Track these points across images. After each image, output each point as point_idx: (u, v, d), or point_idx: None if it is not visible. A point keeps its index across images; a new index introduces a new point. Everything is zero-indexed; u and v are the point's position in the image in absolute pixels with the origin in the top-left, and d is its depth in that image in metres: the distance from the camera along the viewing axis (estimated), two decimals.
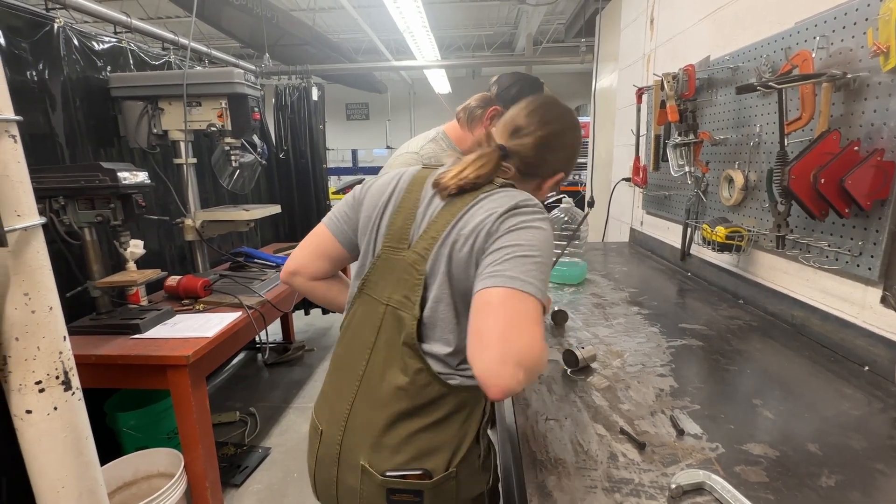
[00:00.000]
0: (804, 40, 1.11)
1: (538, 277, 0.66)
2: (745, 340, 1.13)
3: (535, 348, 0.62)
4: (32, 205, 0.97)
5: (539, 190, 0.90)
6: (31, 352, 0.97)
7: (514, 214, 0.72)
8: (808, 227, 1.12)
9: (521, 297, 0.64)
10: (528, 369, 0.60)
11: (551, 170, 0.88)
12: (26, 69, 1.66)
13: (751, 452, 0.71)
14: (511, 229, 0.70)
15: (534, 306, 0.64)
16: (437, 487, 0.73)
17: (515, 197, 0.75)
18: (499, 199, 0.74)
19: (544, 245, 0.70)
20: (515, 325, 0.62)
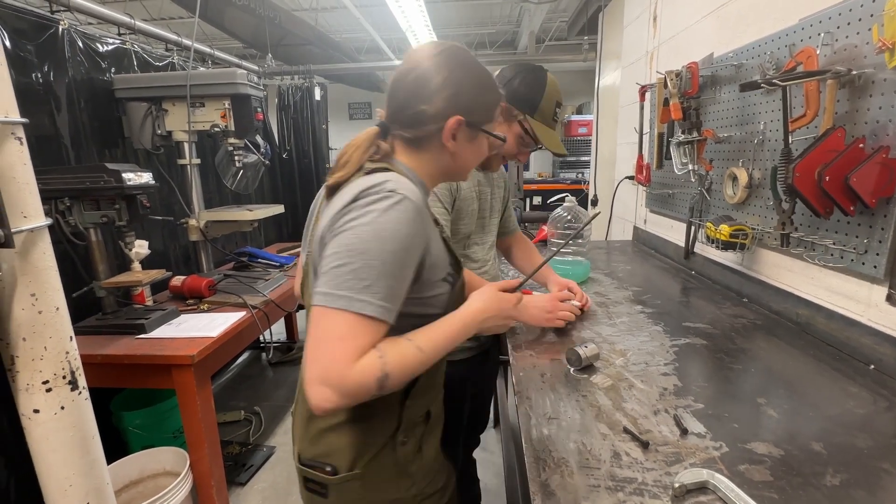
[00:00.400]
0: (808, 37, 1.11)
1: (354, 286, 0.61)
2: (750, 339, 1.12)
3: (335, 368, 0.60)
4: (38, 206, 0.98)
5: (445, 151, 0.78)
6: (38, 352, 0.98)
7: (347, 212, 0.66)
8: (813, 224, 1.12)
9: (327, 314, 0.62)
10: (336, 388, 0.60)
11: (434, 117, 0.75)
12: (31, 71, 1.68)
13: (755, 451, 0.70)
14: (336, 233, 0.65)
15: (340, 322, 0.61)
16: (341, 485, 0.77)
17: (363, 184, 0.67)
18: (346, 192, 0.68)
19: (370, 241, 0.63)
20: (319, 344, 0.62)
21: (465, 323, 0.76)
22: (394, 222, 0.64)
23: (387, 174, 0.70)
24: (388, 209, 0.64)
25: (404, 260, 0.65)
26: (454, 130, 0.76)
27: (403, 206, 0.65)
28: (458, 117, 0.75)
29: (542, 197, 5.80)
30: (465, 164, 0.83)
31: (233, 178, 2.32)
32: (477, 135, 0.80)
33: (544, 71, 1.22)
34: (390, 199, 0.65)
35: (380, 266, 0.63)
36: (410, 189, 0.68)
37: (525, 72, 1.21)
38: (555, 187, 5.71)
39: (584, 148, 6.15)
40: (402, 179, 0.70)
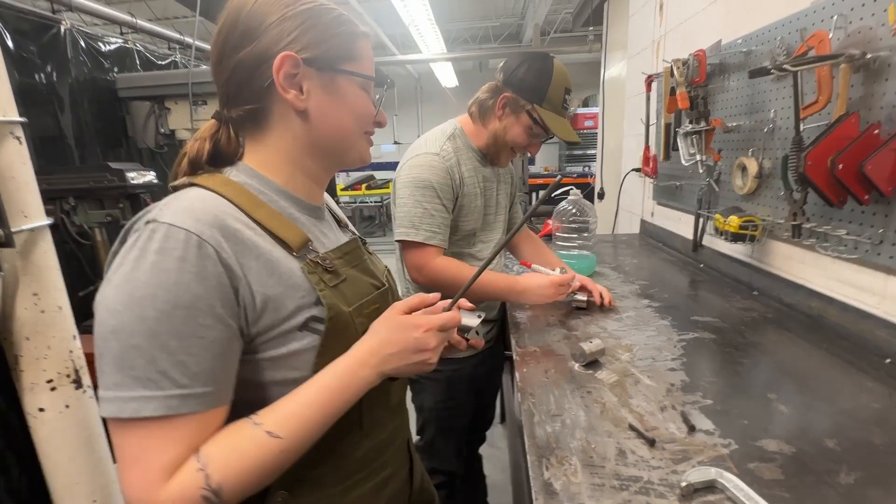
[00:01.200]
0: (820, 20, 1.07)
1: (122, 380, 0.44)
2: (760, 332, 1.10)
3: (138, 498, 0.45)
4: (39, 206, 0.98)
5: (290, 115, 0.57)
6: (42, 351, 0.98)
7: (109, 265, 0.48)
8: (826, 214, 1.08)
9: (111, 427, 0.46)
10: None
11: (256, 63, 0.54)
12: (34, 72, 1.69)
13: (765, 449, 0.68)
14: (95, 309, 0.46)
15: (124, 435, 0.45)
16: None
17: (144, 216, 0.49)
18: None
19: (122, 312, 0.44)
20: (119, 466, 0.46)
21: (349, 374, 0.54)
22: (155, 270, 0.45)
23: (175, 195, 0.52)
24: (144, 256, 0.45)
25: (187, 318, 0.45)
26: (291, 73, 0.54)
27: (171, 242, 0.46)
28: (286, 53, 0.53)
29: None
30: (335, 128, 0.59)
31: None
32: (335, 78, 0.57)
33: (551, 58, 1.18)
34: (150, 239, 0.46)
35: (147, 342, 0.44)
36: (192, 206, 0.49)
37: (530, 60, 1.17)
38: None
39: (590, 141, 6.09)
40: (187, 197, 0.50)
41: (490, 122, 1.22)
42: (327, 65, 0.56)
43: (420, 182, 1.15)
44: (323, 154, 0.61)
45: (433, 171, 1.15)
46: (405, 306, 0.60)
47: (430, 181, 1.15)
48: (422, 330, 0.58)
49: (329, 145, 0.60)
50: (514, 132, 1.20)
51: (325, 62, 0.56)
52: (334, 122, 0.59)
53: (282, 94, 0.55)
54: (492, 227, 1.34)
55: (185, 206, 0.49)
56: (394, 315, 0.59)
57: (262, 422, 0.49)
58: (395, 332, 0.57)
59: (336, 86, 0.58)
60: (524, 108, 1.16)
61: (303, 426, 0.50)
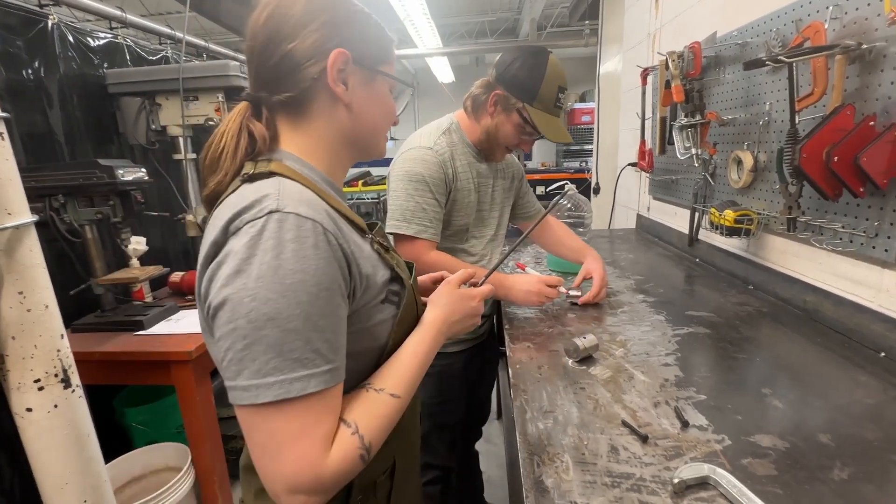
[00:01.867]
0: (816, 11, 1.05)
1: (283, 365, 0.46)
2: (755, 327, 1.09)
3: (305, 472, 0.48)
4: (23, 202, 0.96)
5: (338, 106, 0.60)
6: (29, 350, 0.97)
7: (218, 265, 0.49)
8: (821, 208, 1.08)
9: (263, 413, 0.47)
10: (312, 490, 0.48)
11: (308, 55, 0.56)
12: (22, 67, 1.66)
13: (759, 444, 0.68)
14: (217, 306, 0.48)
15: (285, 416, 0.47)
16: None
17: (230, 210, 0.50)
18: (217, 218, 0.52)
19: (276, 299, 0.46)
20: (269, 452, 0.48)
21: (433, 338, 0.65)
22: (297, 256, 0.47)
23: (265, 183, 0.53)
24: (281, 244, 0.47)
25: (329, 298, 0.50)
26: (341, 69, 0.58)
27: (301, 230, 0.49)
28: (340, 50, 0.57)
29: (545, 186, 5.74)
30: (370, 124, 0.64)
31: None
32: (374, 78, 0.63)
33: (546, 54, 1.14)
34: (280, 228, 0.48)
35: (303, 325, 0.47)
36: (302, 197, 0.52)
37: (524, 56, 1.14)
38: (557, 176, 5.65)
39: (587, 136, 6.06)
40: (286, 186, 0.53)
41: (482, 118, 1.20)
42: (370, 65, 0.62)
43: (413, 176, 1.13)
44: (356, 146, 0.65)
45: (426, 165, 1.14)
46: (459, 279, 0.75)
47: (423, 175, 1.13)
48: (476, 300, 0.73)
49: (362, 138, 0.65)
50: (505, 130, 1.18)
51: (369, 62, 0.62)
52: (370, 117, 0.63)
53: (332, 86, 0.58)
54: (485, 222, 1.33)
55: (297, 197, 0.51)
56: (452, 289, 0.72)
57: (382, 387, 0.57)
58: (457, 302, 0.71)
59: (374, 84, 0.63)
60: (515, 106, 1.14)
61: (410, 385, 0.60)
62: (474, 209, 1.27)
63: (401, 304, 0.62)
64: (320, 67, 0.57)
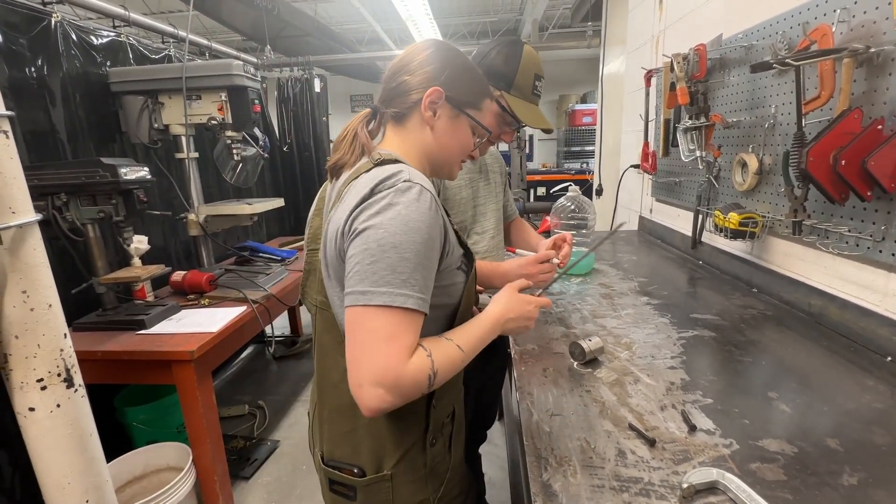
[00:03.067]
0: (823, 14, 1.05)
1: (393, 280, 0.61)
2: (760, 330, 1.09)
3: (391, 368, 0.60)
4: (27, 201, 0.96)
5: (425, 127, 0.78)
6: (32, 349, 0.96)
7: (365, 208, 0.64)
8: (827, 211, 1.07)
9: (370, 313, 0.61)
10: (392, 388, 0.60)
11: (416, 86, 0.76)
12: (25, 65, 1.65)
13: (767, 449, 0.67)
14: (361, 229, 0.63)
15: (385, 320, 0.61)
16: (370, 486, 0.75)
17: (375, 178, 0.66)
18: (359, 187, 0.67)
19: (401, 234, 0.62)
20: (366, 346, 0.61)
21: (492, 324, 0.76)
22: (419, 213, 0.64)
23: (398, 165, 0.70)
24: (411, 201, 0.64)
25: (432, 249, 0.65)
26: (433, 101, 0.76)
27: (424, 197, 0.65)
28: (437, 87, 0.76)
29: (546, 188, 5.74)
30: (447, 148, 0.80)
31: (232, 171, 2.29)
32: (458, 116, 0.79)
33: (521, 44, 1.16)
34: (412, 191, 0.65)
35: (414, 258, 0.62)
36: (424, 178, 0.69)
37: (500, 45, 1.16)
38: (559, 177, 5.64)
39: (588, 137, 6.07)
40: (413, 169, 0.70)
41: None
42: (457, 104, 0.79)
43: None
44: (430, 160, 0.82)
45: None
46: (517, 287, 0.84)
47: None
48: (533, 305, 0.81)
49: (436, 156, 0.81)
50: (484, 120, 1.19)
51: (457, 102, 0.79)
52: (445, 142, 0.80)
53: (423, 111, 0.77)
54: (484, 219, 1.32)
55: (419, 176, 0.68)
56: (512, 293, 0.81)
57: (452, 339, 0.69)
58: (516, 304, 0.79)
59: (457, 121, 0.80)
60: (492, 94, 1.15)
61: (472, 348, 0.71)
62: (471, 205, 1.27)
63: (469, 273, 0.78)
64: (420, 96, 0.76)
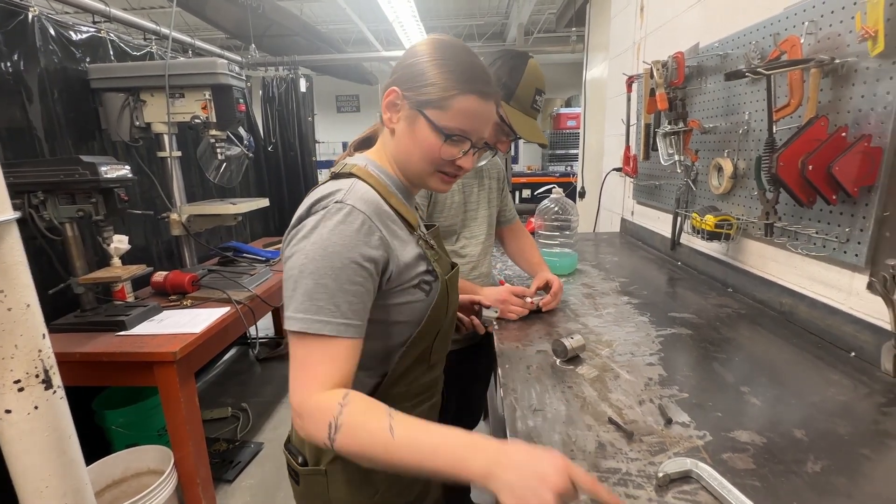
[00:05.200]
0: (793, 26, 1.10)
1: (310, 307, 0.61)
2: (734, 328, 1.13)
3: (296, 392, 0.61)
4: (5, 199, 0.94)
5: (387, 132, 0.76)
6: (9, 350, 0.94)
7: (296, 232, 0.66)
8: (797, 214, 1.12)
9: (292, 340, 0.63)
10: (297, 413, 0.60)
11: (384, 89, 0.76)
12: (0, 60, 1.61)
13: (738, 440, 0.71)
14: (287, 258, 0.65)
15: (302, 347, 0.62)
16: (309, 477, 0.78)
17: (315, 196, 0.68)
18: (303, 204, 0.69)
19: (319, 259, 0.61)
20: (292, 370, 0.62)
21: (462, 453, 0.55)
22: (342, 236, 0.63)
23: (340, 182, 0.70)
24: (336, 224, 0.63)
25: (357, 273, 0.63)
26: (392, 101, 0.73)
27: (353, 218, 0.64)
28: (394, 87, 0.72)
29: (531, 190, 5.80)
30: (407, 155, 0.74)
31: (215, 171, 2.27)
32: (416, 119, 0.71)
33: (527, 57, 1.17)
34: (340, 213, 0.64)
35: (333, 283, 0.61)
36: (363, 196, 0.67)
37: (506, 57, 1.17)
38: (543, 180, 5.71)
39: (572, 141, 6.15)
40: (357, 186, 0.69)
41: None
42: (415, 104, 0.71)
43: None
44: (400, 168, 0.77)
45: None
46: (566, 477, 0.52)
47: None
48: (554, 485, 0.50)
49: (402, 164, 0.77)
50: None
51: (415, 102, 0.71)
52: (404, 148, 0.74)
53: (383, 111, 0.75)
54: (475, 224, 1.34)
55: (359, 195, 0.67)
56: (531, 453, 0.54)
57: (393, 417, 0.58)
58: (528, 460, 0.53)
59: (414, 124, 0.72)
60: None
61: (409, 448, 0.56)
62: (461, 210, 1.29)
63: (431, 293, 0.75)
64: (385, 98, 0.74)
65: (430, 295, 0.75)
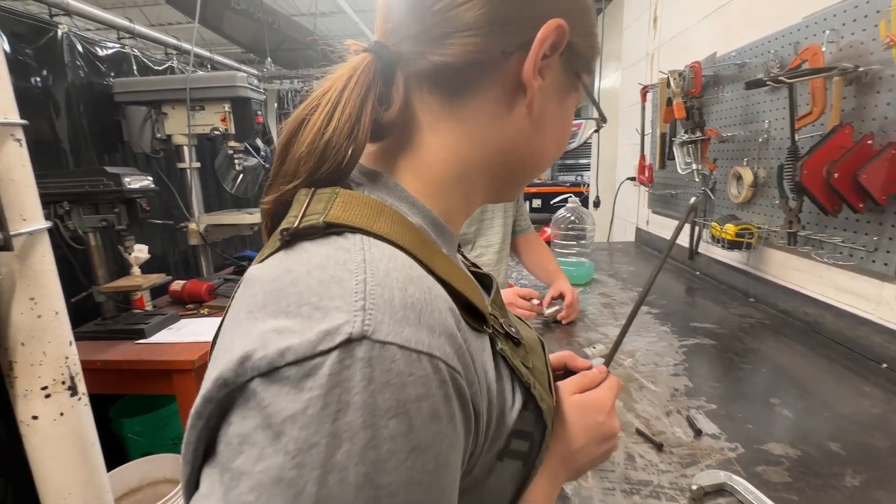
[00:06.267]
0: (813, 34, 1.10)
1: None
2: (758, 339, 1.11)
3: None
4: (38, 209, 0.96)
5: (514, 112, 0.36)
6: (37, 357, 0.96)
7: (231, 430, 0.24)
8: (821, 223, 1.11)
9: None
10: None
11: (501, 18, 0.33)
12: (30, 75, 1.67)
13: (771, 452, 0.69)
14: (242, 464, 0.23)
15: None
16: None
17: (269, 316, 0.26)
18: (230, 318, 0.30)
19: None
20: None
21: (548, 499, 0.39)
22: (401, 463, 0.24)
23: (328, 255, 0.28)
24: (372, 429, 0.23)
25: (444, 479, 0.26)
26: (545, 53, 0.34)
27: (406, 390, 0.24)
28: (560, 21, 0.33)
29: (541, 199, 5.80)
30: (541, 149, 0.39)
31: (233, 181, 2.31)
32: (572, 88, 0.39)
33: None
34: (367, 386, 0.23)
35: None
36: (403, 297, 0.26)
37: None
38: (554, 189, 5.71)
39: (583, 151, 6.15)
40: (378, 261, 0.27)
41: None
42: (579, 66, 0.38)
43: None
44: (500, 175, 0.39)
45: None
46: (575, 387, 0.45)
47: None
48: (605, 412, 0.43)
49: (520, 166, 0.39)
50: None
51: (580, 62, 0.38)
52: (546, 139, 0.39)
53: (527, 74, 0.33)
54: (490, 231, 1.34)
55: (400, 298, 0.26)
56: (566, 397, 0.43)
57: None
58: (576, 421, 0.42)
59: (566, 97, 0.39)
60: None
61: None
62: (478, 218, 1.29)
63: (532, 452, 0.36)
64: (520, 39, 0.33)
65: (532, 457, 0.36)
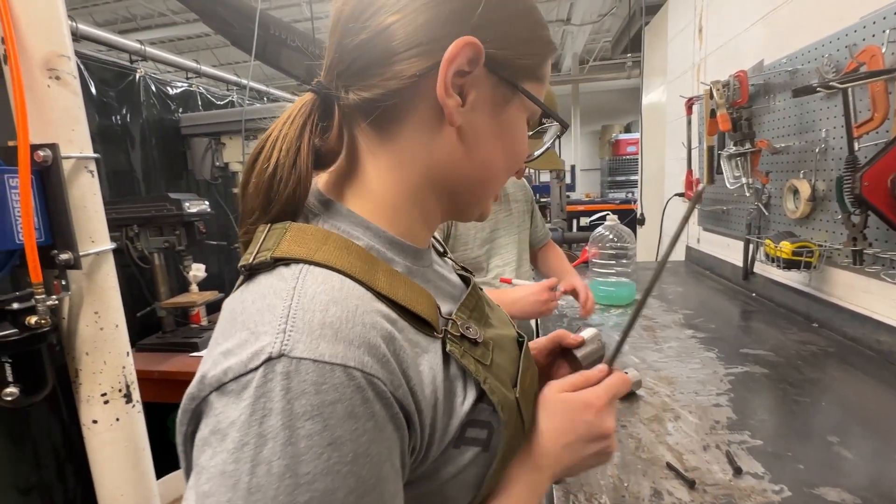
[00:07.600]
0: (871, 35, 1.01)
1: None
2: (820, 368, 1.00)
3: None
4: (105, 232, 1.08)
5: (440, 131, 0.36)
6: (98, 366, 1.06)
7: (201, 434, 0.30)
8: (891, 239, 0.99)
9: None
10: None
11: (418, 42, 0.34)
12: (112, 114, 1.89)
13: (824, 498, 0.61)
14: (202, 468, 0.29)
15: None
16: None
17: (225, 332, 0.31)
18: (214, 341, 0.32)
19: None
20: None
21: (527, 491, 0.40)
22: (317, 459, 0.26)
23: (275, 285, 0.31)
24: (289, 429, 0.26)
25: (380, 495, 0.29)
26: (463, 71, 0.34)
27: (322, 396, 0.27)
28: (470, 39, 0.33)
29: (589, 217, 5.64)
30: (485, 166, 0.39)
31: None
32: (512, 98, 0.38)
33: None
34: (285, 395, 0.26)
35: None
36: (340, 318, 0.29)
37: None
38: (602, 207, 5.54)
39: (633, 167, 5.96)
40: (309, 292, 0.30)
41: None
42: (512, 75, 0.37)
43: None
44: (449, 194, 0.40)
45: None
46: (567, 385, 0.44)
47: None
48: (594, 410, 0.42)
49: (463, 184, 0.39)
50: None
51: (511, 71, 0.37)
52: (486, 155, 0.38)
53: (440, 95, 0.34)
54: (504, 249, 1.30)
55: (319, 319, 0.28)
56: (554, 394, 0.43)
57: None
58: (561, 417, 0.42)
59: (506, 107, 0.38)
60: None
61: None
62: (487, 241, 1.25)
63: (492, 439, 0.37)
64: (429, 62, 0.34)
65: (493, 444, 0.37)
